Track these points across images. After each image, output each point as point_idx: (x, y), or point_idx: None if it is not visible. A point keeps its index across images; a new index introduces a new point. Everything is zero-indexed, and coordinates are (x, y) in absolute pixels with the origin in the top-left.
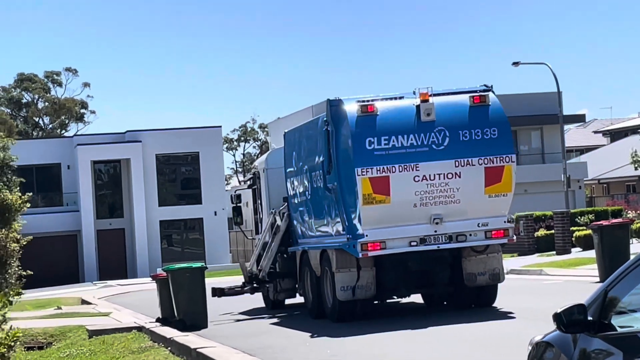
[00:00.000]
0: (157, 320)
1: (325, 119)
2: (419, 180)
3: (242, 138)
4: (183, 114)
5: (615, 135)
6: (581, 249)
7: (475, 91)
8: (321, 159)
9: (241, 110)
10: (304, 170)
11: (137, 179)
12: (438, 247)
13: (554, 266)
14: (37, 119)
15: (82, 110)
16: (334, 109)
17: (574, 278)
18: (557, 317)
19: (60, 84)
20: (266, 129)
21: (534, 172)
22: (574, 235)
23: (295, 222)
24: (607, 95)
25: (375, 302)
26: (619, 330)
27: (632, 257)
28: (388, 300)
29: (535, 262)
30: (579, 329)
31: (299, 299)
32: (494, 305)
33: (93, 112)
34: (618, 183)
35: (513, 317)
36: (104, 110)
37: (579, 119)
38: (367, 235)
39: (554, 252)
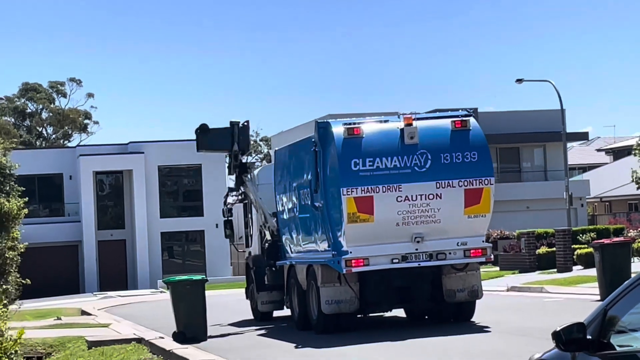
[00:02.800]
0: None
1: (313, 139)
2: (401, 201)
3: None
4: (186, 126)
5: (618, 153)
6: (582, 267)
7: (458, 116)
8: (309, 177)
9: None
10: (292, 187)
11: (139, 190)
12: (419, 264)
13: (555, 284)
14: (40, 129)
15: (86, 121)
16: (321, 130)
17: (575, 296)
18: (556, 336)
19: (64, 95)
20: (269, 142)
21: (536, 189)
22: (576, 253)
23: (283, 237)
24: (610, 114)
25: (359, 315)
26: (618, 349)
27: (632, 275)
28: (371, 314)
29: (536, 279)
30: (577, 348)
31: (286, 311)
32: (472, 319)
33: (96, 122)
34: (620, 201)
35: (489, 332)
36: (107, 121)
37: (582, 136)
38: (351, 252)
39: (555, 270)
